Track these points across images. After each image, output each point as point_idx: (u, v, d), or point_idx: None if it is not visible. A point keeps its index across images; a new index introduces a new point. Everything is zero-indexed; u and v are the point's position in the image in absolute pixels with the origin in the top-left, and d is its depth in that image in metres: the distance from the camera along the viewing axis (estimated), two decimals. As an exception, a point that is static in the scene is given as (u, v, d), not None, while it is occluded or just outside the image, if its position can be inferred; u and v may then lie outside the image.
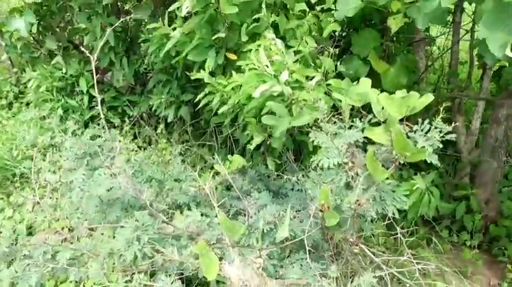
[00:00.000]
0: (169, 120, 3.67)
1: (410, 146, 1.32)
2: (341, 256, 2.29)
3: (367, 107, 1.62)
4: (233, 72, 2.41)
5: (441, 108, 1.61)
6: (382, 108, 1.49)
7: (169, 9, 2.64)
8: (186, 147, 3.56)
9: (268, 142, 2.37)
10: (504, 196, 3.27)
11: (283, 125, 1.98)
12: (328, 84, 2.38)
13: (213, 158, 3.08)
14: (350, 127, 1.52)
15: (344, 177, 1.45)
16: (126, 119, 3.84)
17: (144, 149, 3.69)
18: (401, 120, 1.41)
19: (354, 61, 2.79)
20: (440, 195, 3.19)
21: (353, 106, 1.62)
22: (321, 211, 1.40)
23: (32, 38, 4.29)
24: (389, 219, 3.14)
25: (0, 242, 1.71)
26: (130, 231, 1.50)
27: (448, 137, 1.41)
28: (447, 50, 3.93)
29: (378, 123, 1.49)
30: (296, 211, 2.01)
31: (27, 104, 4.46)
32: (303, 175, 2.33)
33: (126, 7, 3.95)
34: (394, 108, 1.43)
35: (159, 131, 3.79)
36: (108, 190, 1.77)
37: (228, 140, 3.57)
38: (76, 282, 2.32)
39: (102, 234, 2.03)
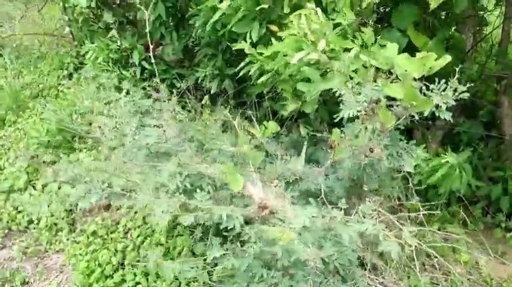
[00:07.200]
0: (212, 91, 3.87)
1: (418, 97, 1.40)
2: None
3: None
4: (273, 40, 2.53)
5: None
6: (405, 71, 1.57)
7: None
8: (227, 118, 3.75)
9: (301, 110, 2.49)
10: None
11: (315, 90, 2.09)
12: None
13: (251, 123, 3.24)
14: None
15: (363, 128, 1.56)
16: (174, 91, 4.08)
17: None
18: (420, 80, 1.49)
19: (393, 33, 2.82)
20: (479, 176, 3.17)
21: (384, 71, 1.70)
22: (331, 147, 1.53)
23: (91, 13, 4.62)
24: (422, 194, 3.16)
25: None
26: (174, 167, 1.71)
27: (463, 95, 1.47)
28: (496, 27, 3.79)
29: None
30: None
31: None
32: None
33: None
34: (413, 67, 1.51)
35: (203, 102, 4.00)
36: (156, 143, 1.98)
37: (267, 113, 3.73)
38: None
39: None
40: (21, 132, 4.11)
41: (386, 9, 3.18)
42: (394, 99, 1.54)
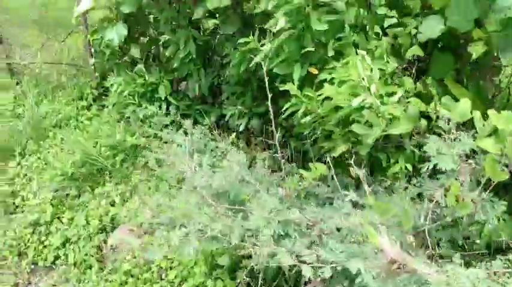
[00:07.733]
0: (240, 129, 3.90)
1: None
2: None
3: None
4: (325, 85, 2.59)
5: None
6: (483, 125, 1.63)
7: (266, 26, 2.89)
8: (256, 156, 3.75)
9: (352, 151, 2.52)
10: None
11: (375, 133, 2.13)
12: (408, 102, 2.55)
13: (290, 165, 3.25)
14: (454, 139, 1.66)
15: (458, 181, 1.59)
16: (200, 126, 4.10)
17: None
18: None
19: (430, 82, 2.90)
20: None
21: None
22: (456, 201, 1.55)
23: (117, 46, 4.68)
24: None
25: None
26: (265, 212, 1.69)
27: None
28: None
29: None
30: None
31: (106, 106, 4.81)
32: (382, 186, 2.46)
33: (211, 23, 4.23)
34: (502, 123, 1.56)
35: (230, 140, 4.01)
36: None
37: (294, 153, 3.76)
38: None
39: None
40: (43, 163, 4.05)
41: (422, 60, 3.28)
42: (475, 152, 1.59)
